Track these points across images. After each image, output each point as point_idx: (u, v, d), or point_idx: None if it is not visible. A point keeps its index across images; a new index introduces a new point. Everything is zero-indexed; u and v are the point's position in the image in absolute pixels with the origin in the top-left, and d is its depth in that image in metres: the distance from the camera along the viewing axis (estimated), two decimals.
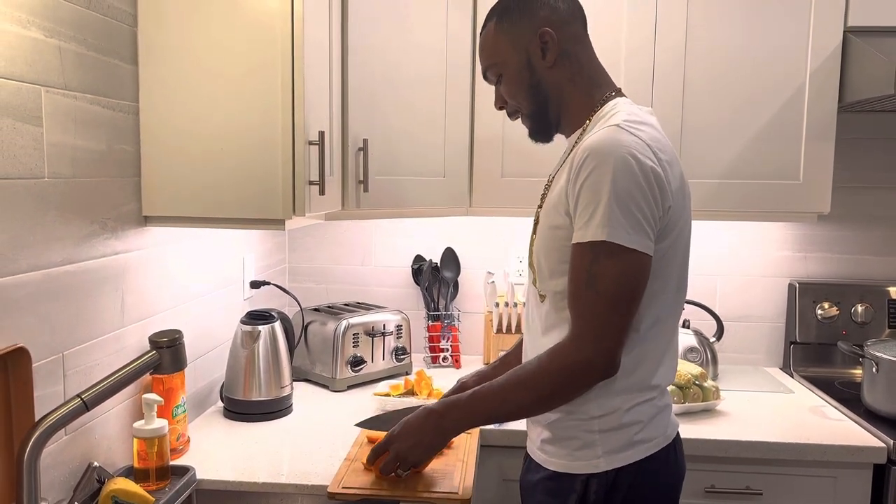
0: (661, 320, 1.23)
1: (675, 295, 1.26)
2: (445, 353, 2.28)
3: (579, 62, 1.30)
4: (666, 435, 1.26)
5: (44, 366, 1.17)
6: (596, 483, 1.21)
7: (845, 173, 2.22)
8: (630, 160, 1.12)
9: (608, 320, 1.14)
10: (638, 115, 1.22)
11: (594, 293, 1.13)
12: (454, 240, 2.38)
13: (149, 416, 1.35)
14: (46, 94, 1.16)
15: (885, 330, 2.19)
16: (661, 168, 1.15)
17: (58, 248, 1.21)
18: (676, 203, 1.19)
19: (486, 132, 2.00)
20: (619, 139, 1.14)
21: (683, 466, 1.33)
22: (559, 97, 1.30)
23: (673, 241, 1.20)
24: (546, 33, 1.26)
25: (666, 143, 1.22)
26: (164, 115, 1.43)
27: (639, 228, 1.12)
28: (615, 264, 1.12)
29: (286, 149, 1.38)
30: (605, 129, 1.17)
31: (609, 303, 1.13)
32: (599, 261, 1.13)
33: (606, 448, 1.21)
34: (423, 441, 1.30)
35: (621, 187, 1.11)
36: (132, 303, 1.44)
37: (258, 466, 1.49)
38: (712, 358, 2.11)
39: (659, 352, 1.25)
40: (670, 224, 1.19)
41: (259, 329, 1.79)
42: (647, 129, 1.19)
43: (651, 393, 1.24)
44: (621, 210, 1.11)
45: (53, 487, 1.20)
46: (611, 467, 1.20)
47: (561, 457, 1.25)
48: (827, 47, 1.91)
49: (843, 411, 1.88)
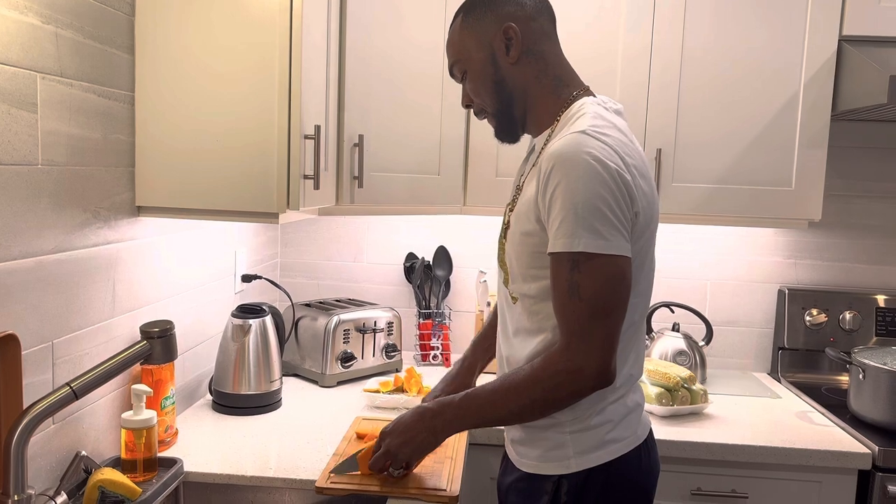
0: (630, 323, 1.23)
1: (643, 297, 1.26)
2: (436, 351, 2.28)
3: (545, 60, 1.27)
4: (637, 435, 1.25)
5: (33, 354, 1.17)
6: (567, 484, 1.21)
7: (837, 181, 2.24)
8: (596, 166, 1.11)
9: (596, 328, 1.13)
10: (605, 118, 1.21)
11: (578, 300, 1.13)
12: (447, 238, 2.38)
13: (137, 407, 1.34)
14: (42, 80, 1.16)
15: (872, 338, 2.21)
16: (629, 172, 1.15)
17: (50, 235, 1.20)
18: (645, 207, 1.18)
19: (482, 131, 2.00)
20: (585, 144, 1.13)
21: (657, 467, 1.32)
22: (524, 96, 1.29)
23: (643, 245, 1.20)
24: (510, 28, 1.25)
25: (633, 146, 1.21)
26: (159, 106, 1.42)
27: (613, 232, 1.11)
28: (596, 271, 1.12)
29: (282, 142, 1.38)
30: (571, 136, 1.15)
31: (595, 311, 1.13)
32: (580, 269, 1.12)
33: (577, 448, 1.21)
34: (415, 439, 1.29)
35: (589, 193, 1.10)
36: (123, 293, 1.44)
37: (246, 460, 1.48)
38: (701, 361, 2.13)
39: (627, 351, 1.25)
40: (639, 228, 1.18)
41: (250, 323, 1.79)
42: (613, 134, 1.17)
43: (619, 391, 1.24)
44: (592, 216, 1.10)
45: (40, 476, 1.20)
46: (582, 468, 1.21)
47: (532, 458, 1.25)
48: (822, 56, 1.92)
49: (830, 417, 1.89)
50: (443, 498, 1.31)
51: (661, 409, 1.82)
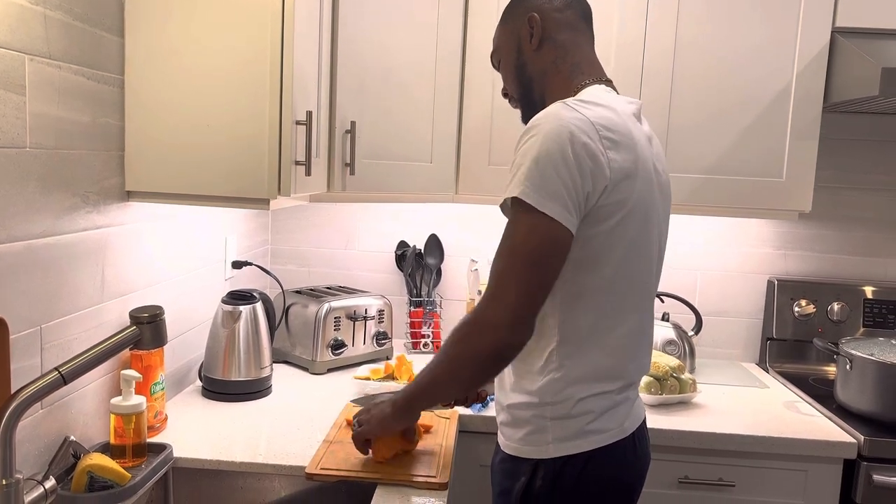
0: (620, 312, 1.22)
1: (635, 285, 1.24)
2: (427, 339, 2.29)
3: (564, 48, 1.31)
4: (622, 428, 1.25)
5: (21, 338, 1.16)
6: (543, 469, 1.22)
7: (827, 173, 2.25)
8: (562, 132, 1.12)
9: (507, 279, 1.13)
10: (598, 98, 1.21)
11: (502, 250, 1.14)
12: (438, 226, 2.38)
13: (127, 393, 1.34)
14: (30, 62, 1.14)
15: (859, 329, 2.23)
16: (600, 146, 1.13)
17: (38, 219, 1.19)
18: (622, 186, 1.16)
19: (475, 119, 2.00)
20: (559, 113, 1.15)
21: (645, 461, 1.32)
22: (541, 81, 1.33)
23: (619, 223, 1.17)
24: (533, 18, 1.31)
25: (621, 125, 1.19)
26: (149, 90, 1.41)
27: (555, 196, 1.11)
28: (523, 222, 1.13)
29: (273, 127, 1.37)
30: (552, 106, 1.18)
31: (509, 261, 1.13)
32: (513, 222, 1.14)
33: (557, 435, 1.21)
34: (377, 406, 1.36)
35: (545, 156, 1.11)
36: (112, 278, 1.43)
37: (236, 446, 1.48)
38: (690, 351, 2.14)
39: (620, 346, 1.24)
40: (611, 206, 1.16)
41: (240, 309, 1.78)
42: (597, 109, 1.17)
43: (608, 385, 1.23)
44: (541, 176, 1.11)
45: (28, 461, 1.19)
46: (559, 454, 1.21)
47: (515, 440, 1.26)
48: (814, 47, 1.92)
49: (817, 407, 1.91)
50: (432, 484, 1.32)
51: (649, 397, 1.84)
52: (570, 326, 1.20)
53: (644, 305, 1.29)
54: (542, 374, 1.22)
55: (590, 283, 1.19)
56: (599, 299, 1.21)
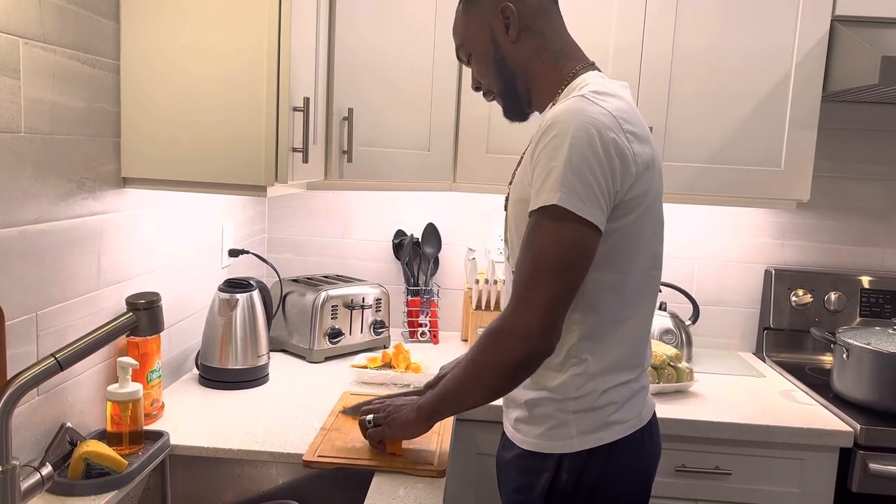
0: (636, 301, 1.22)
1: (647, 274, 1.24)
2: (424, 328, 2.28)
3: (544, 36, 1.27)
4: (640, 417, 1.25)
5: (17, 325, 1.15)
6: (568, 462, 1.21)
7: (826, 163, 2.25)
8: (591, 129, 1.10)
9: (535, 288, 1.10)
10: (607, 88, 1.20)
11: (530, 257, 1.11)
12: (436, 215, 2.38)
13: (123, 380, 1.33)
14: (25, 46, 1.13)
15: (856, 318, 2.23)
16: (626, 140, 1.13)
17: (33, 205, 1.18)
18: (643, 178, 1.16)
19: (473, 108, 1.99)
20: (583, 109, 1.12)
21: (658, 449, 1.33)
22: (525, 73, 1.29)
23: (638, 216, 1.17)
24: (507, 8, 1.25)
25: (636, 117, 1.19)
26: (145, 75, 1.39)
27: (592, 199, 1.09)
28: (555, 230, 1.09)
29: (270, 113, 1.36)
30: (570, 100, 1.15)
31: (538, 270, 1.10)
32: (541, 227, 1.10)
33: (580, 428, 1.21)
34: (401, 408, 1.33)
35: (578, 155, 1.09)
36: (108, 265, 1.42)
37: (233, 434, 1.48)
38: (687, 340, 2.14)
39: (636, 334, 1.24)
40: (634, 199, 1.16)
41: (237, 297, 1.78)
42: (614, 101, 1.16)
43: (628, 375, 1.23)
44: (575, 177, 1.08)
45: (24, 448, 1.19)
46: (584, 447, 1.20)
47: (534, 436, 1.25)
48: (814, 36, 1.91)
49: (813, 396, 1.91)
50: (430, 472, 1.32)
51: None
52: (590, 321, 1.19)
53: (654, 291, 1.29)
54: (563, 369, 1.21)
55: (610, 278, 1.18)
56: (619, 291, 1.20)
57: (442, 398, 1.26)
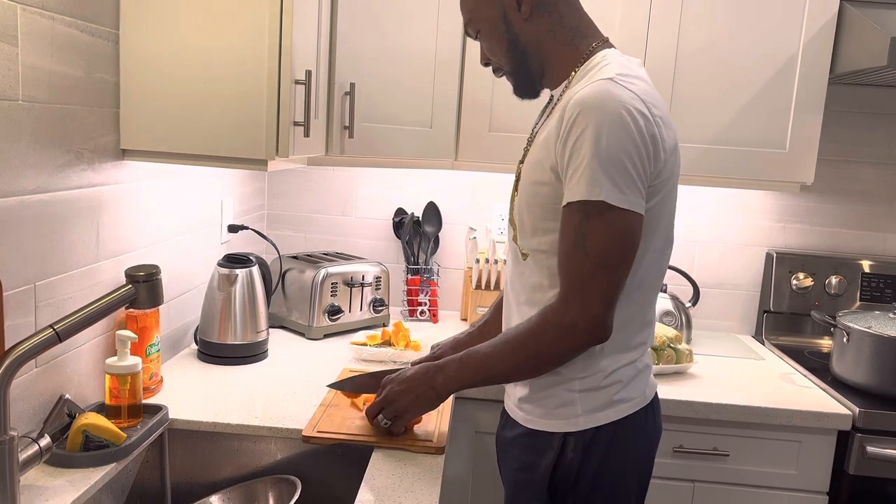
0: (646, 281, 1.22)
1: (660, 255, 1.24)
2: (423, 307, 2.28)
3: (558, 12, 1.23)
4: (644, 395, 1.26)
5: (15, 296, 1.14)
6: (573, 441, 1.21)
7: (829, 146, 2.24)
8: (625, 115, 1.09)
9: (596, 282, 1.12)
10: (630, 69, 1.18)
11: (583, 254, 1.11)
12: (437, 194, 2.36)
13: (122, 353, 1.32)
14: (22, 12, 1.11)
15: (856, 302, 2.23)
16: (655, 124, 1.13)
17: (31, 175, 1.16)
18: (670, 162, 1.17)
19: (476, 85, 1.97)
20: (613, 93, 1.10)
21: (660, 427, 1.33)
22: (539, 51, 1.25)
23: (663, 198, 1.18)
24: None
25: (658, 98, 1.19)
26: (145, 45, 1.37)
27: (632, 187, 1.09)
28: (607, 224, 1.10)
29: (272, 86, 1.34)
30: (598, 83, 1.12)
31: (597, 264, 1.11)
32: (590, 220, 1.10)
33: (586, 407, 1.21)
34: (415, 390, 1.28)
35: (614, 144, 1.08)
36: (107, 238, 1.41)
37: (232, 408, 1.48)
38: (687, 322, 2.14)
39: (643, 313, 1.24)
40: (660, 183, 1.16)
41: (237, 273, 1.77)
42: (640, 84, 1.15)
43: (634, 354, 1.23)
44: (615, 168, 1.08)
45: (23, 419, 1.18)
46: (590, 426, 1.20)
47: (539, 415, 1.24)
48: (823, 16, 1.89)
49: (812, 379, 1.91)
50: (430, 449, 1.31)
51: None
52: None
53: (663, 271, 1.28)
54: None
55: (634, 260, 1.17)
56: (639, 273, 1.19)
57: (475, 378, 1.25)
